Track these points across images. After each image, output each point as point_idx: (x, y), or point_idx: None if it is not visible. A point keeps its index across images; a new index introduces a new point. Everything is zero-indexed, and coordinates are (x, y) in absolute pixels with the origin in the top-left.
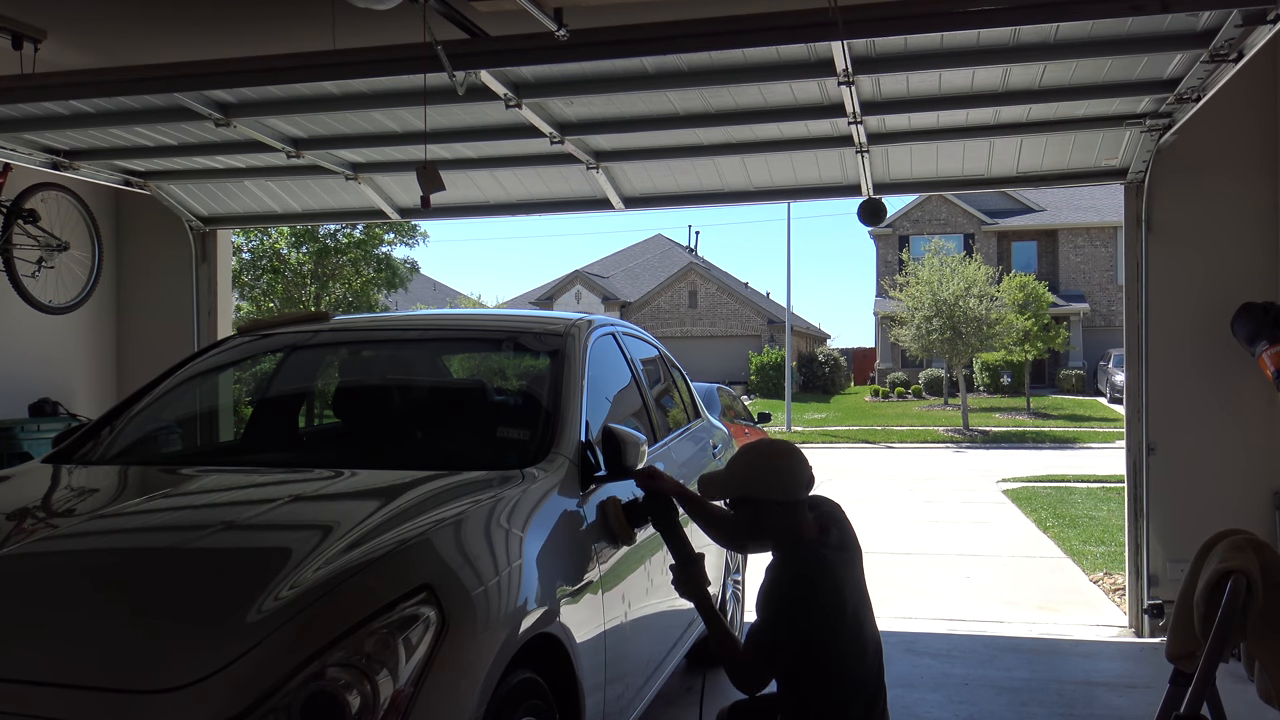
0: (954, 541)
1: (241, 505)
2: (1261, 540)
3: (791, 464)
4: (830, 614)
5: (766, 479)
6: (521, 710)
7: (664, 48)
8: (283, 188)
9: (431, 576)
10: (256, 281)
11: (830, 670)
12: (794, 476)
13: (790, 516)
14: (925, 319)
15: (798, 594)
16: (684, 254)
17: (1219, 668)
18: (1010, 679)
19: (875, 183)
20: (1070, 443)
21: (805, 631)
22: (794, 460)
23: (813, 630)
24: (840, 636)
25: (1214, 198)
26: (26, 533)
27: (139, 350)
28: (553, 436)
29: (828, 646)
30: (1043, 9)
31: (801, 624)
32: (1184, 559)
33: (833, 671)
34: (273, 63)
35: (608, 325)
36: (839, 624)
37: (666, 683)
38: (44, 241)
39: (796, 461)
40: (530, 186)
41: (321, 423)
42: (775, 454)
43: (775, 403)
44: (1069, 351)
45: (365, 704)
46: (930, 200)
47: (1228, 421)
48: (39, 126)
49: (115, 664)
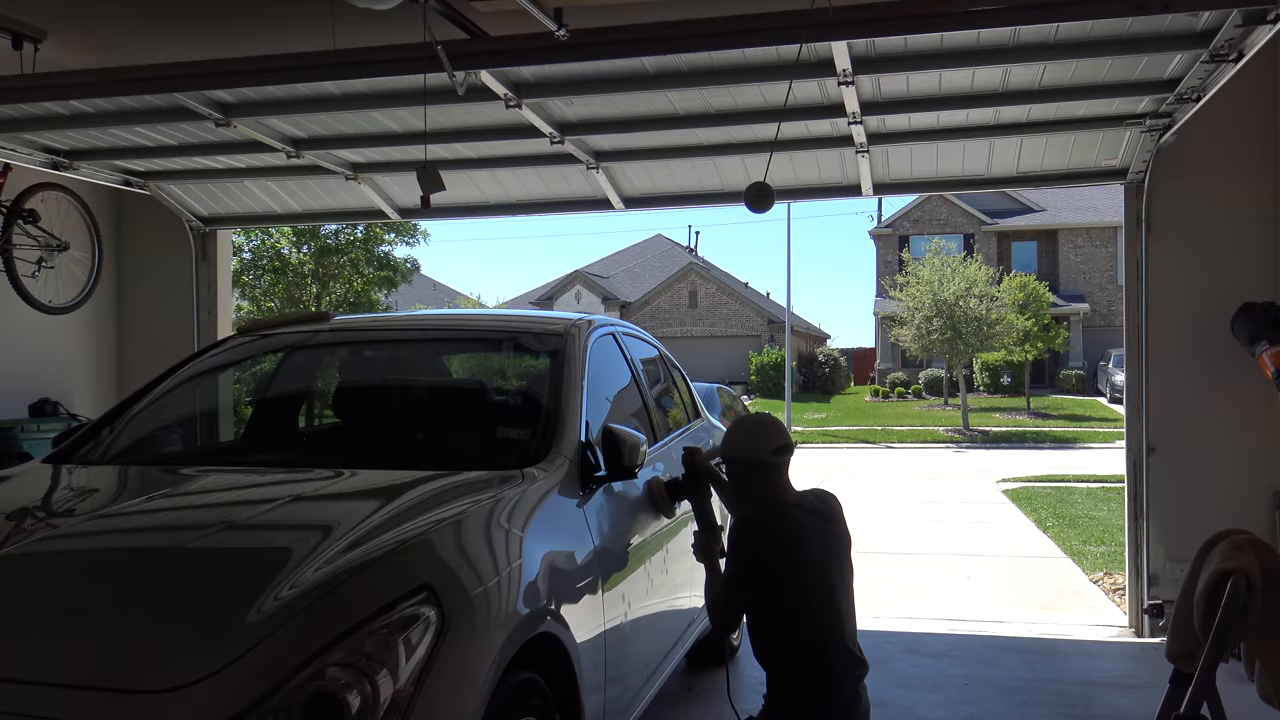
0: (954, 541)
1: (242, 505)
2: (1261, 540)
3: (757, 430)
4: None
5: (737, 441)
6: (522, 710)
7: (664, 48)
8: (283, 188)
9: (432, 576)
10: (257, 281)
11: (783, 632)
12: (758, 439)
13: (760, 475)
14: (925, 319)
15: (740, 533)
16: (684, 254)
17: (1219, 668)
18: (1010, 679)
19: (875, 183)
20: (1070, 443)
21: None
22: (761, 427)
23: (754, 571)
24: (788, 592)
25: (1214, 198)
26: (26, 533)
27: (139, 350)
28: (553, 436)
29: (774, 598)
30: (1043, 9)
31: (744, 562)
32: (1184, 559)
33: (785, 634)
34: (273, 63)
35: (608, 325)
36: (787, 577)
37: (666, 683)
38: (44, 241)
39: (763, 429)
40: (530, 186)
41: (321, 423)
42: (748, 422)
43: (775, 403)
44: (1069, 351)
45: (365, 704)
46: (930, 200)
47: (1228, 421)
48: (39, 126)
49: (115, 664)
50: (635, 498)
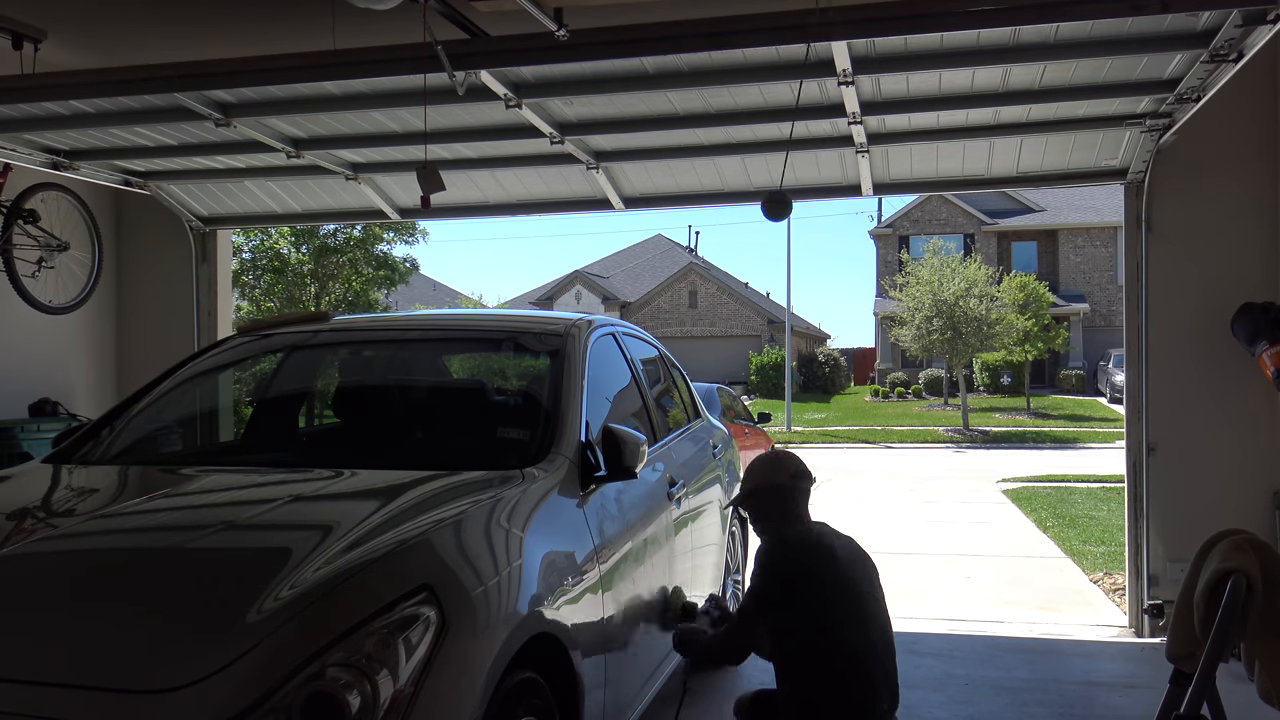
0: (954, 541)
1: (241, 505)
2: (1261, 540)
3: (775, 460)
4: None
5: (753, 474)
6: (521, 710)
7: (664, 48)
8: (283, 188)
9: (431, 576)
10: (257, 281)
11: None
12: (776, 467)
13: (774, 499)
14: (925, 319)
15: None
16: (684, 254)
17: (1219, 668)
18: (1010, 679)
19: (875, 182)
20: (1070, 443)
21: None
22: (778, 458)
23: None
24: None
25: (1214, 198)
26: (26, 533)
27: (139, 350)
28: (553, 436)
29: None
30: (1043, 9)
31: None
32: (1184, 559)
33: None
34: (273, 63)
35: (608, 325)
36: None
37: (666, 683)
38: (44, 241)
39: (780, 459)
40: (530, 186)
41: (321, 423)
42: (768, 457)
43: (775, 403)
44: (1069, 351)
45: (365, 704)
46: (930, 200)
47: (1228, 421)
48: (39, 126)
49: (115, 664)
50: (635, 497)
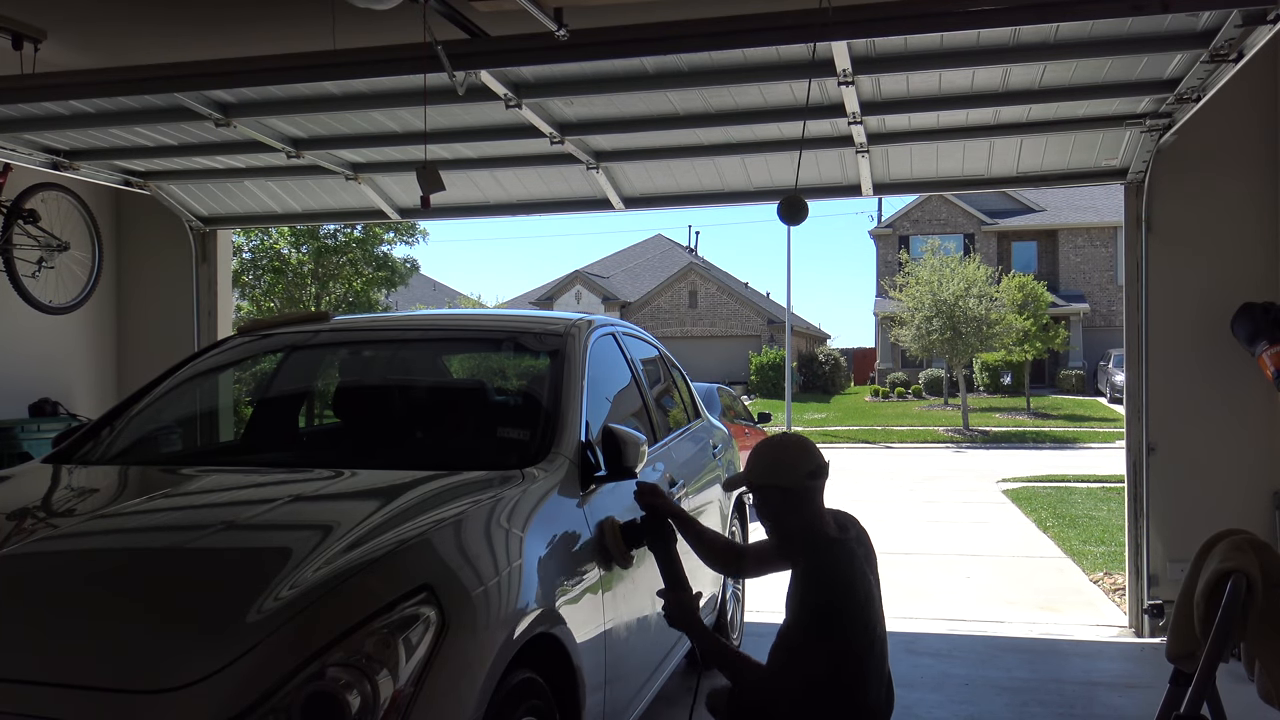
0: (954, 541)
1: (241, 505)
2: (1261, 540)
3: (788, 453)
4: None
5: (767, 467)
6: (522, 710)
7: (664, 48)
8: (283, 188)
9: (431, 576)
10: (257, 282)
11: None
12: (793, 464)
13: (795, 503)
14: (925, 319)
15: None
16: (684, 254)
17: (1219, 668)
18: (1010, 679)
19: (875, 182)
20: (1070, 443)
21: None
22: (790, 451)
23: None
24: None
25: (1214, 198)
26: (26, 533)
27: (139, 350)
28: (553, 436)
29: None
30: (1043, 9)
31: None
32: (1184, 559)
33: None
34: (273, 63)
35: (608, 325)
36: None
37: (666, 683)
38: (44, 241)
39: (793, 452)
40: (530, 186)
41: (321, 423)
42: (776, 445)
43: (775, 403)
44: (1069, 351)
45: (365, 704)
46: (930, 200)
47: (1228, 421)
48: (39, 126)
49: (115, 664)
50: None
